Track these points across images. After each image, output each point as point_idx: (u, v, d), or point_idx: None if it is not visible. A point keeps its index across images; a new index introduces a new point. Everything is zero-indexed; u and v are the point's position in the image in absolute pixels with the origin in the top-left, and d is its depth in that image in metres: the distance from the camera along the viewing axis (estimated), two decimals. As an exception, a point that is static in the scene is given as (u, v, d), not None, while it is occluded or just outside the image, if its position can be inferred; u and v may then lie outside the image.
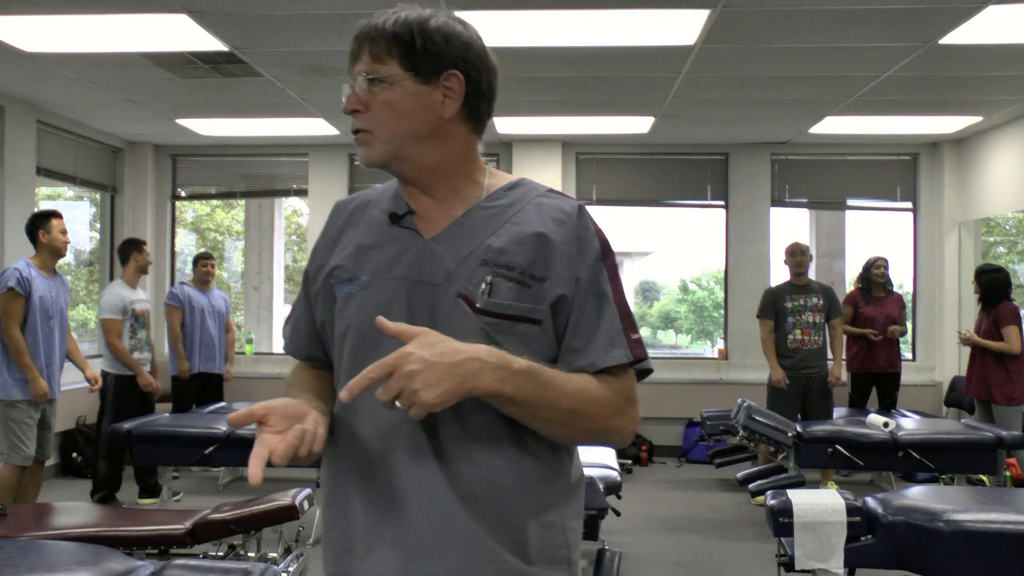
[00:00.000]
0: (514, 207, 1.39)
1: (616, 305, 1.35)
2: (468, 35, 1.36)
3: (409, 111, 1.33)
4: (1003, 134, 7.03)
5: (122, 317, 5.77)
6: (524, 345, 1.30)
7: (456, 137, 1.38)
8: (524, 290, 1.31)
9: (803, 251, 6.28)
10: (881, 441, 5.04)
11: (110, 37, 4.86)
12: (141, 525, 3.42)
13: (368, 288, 1.37)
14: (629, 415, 1.35)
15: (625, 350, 1.33)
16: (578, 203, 1.40)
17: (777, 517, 3.23)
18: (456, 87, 1.34)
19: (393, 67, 1.33)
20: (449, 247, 1.36)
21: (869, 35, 4.75)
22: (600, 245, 1.37)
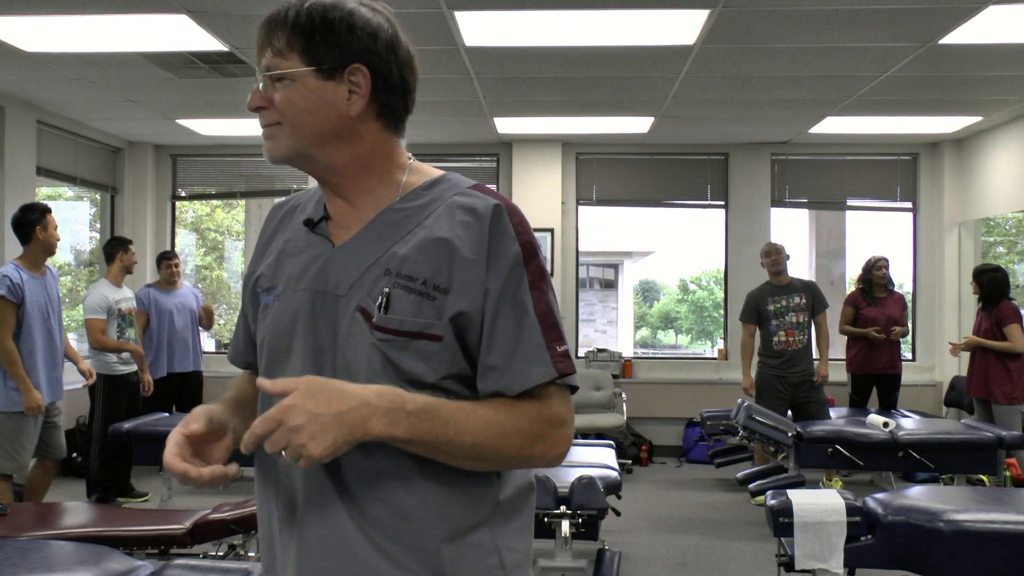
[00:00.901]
0: (427, 208, 1.28)
1: (537, 316, 1.22)
2: (376, 23, 1.26)
3: (312, 109, 1.25)
4: (1003, 134, 7.03)
5: (106, 316, 5.71)
6: (424, 362, 1.21)
7: (366, 136, 1.28)
8: (426, 303, 1.21)
9: (778, 250, 6.25)
10: (881, 441, 5.04)
11: (110, 37, 4.86)
12: (141, 525, 3.42)
13: (280, 299, 1.31)
14: (552, 440, 1.23)
15: (547, 367, 1.21)
16: (496, 202, 1.26)
17: (777, 517, 3.22)
18: (362, 82, 1.25)
19: (294, 62, 1.25)
20: (354, 255, 1.27)
21: (869, 35, 4.75)
22: (521, 248, 1.23)
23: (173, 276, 6.58)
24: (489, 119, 6.96)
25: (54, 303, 4.80)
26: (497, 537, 1.26)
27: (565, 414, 1.24)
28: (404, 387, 1.19)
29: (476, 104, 6.41)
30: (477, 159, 8.28)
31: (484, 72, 5.57)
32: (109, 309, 5.74)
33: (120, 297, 5.86)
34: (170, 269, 6.57)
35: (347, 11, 1.25)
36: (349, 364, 1.23)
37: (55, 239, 4.75)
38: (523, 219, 1.28)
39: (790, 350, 6.09)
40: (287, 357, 1.28)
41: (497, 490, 1.27)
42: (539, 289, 1.24)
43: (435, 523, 1.22)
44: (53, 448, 4.88)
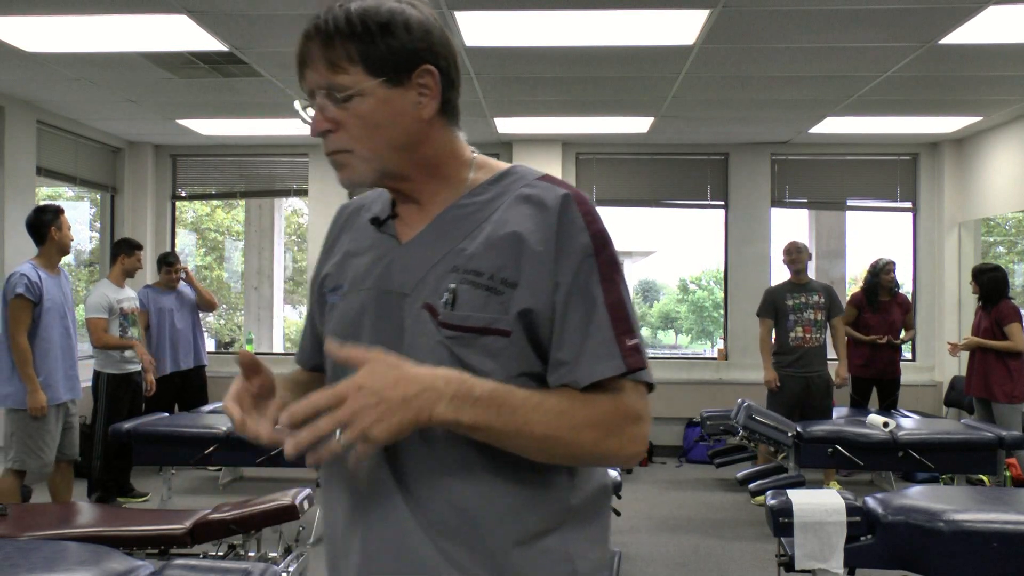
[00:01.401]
0: (494, 203, 1.24)
1: (608, 308, 1.17)
2: (426, 18, 1.22)
3: (385, 122, 1.20)
4: (1003, 134, 7.03)
5: (107, 316, 5.74)
6: (491, 359, 1.17)
7: (433, 137, 1.25)
8: (493, 297, 1.17)
9: (800, 249, 6.26)
10: (881, 441, 5.04)
11: (110, 37, 4.86)
12: (141, 525, 3.42)
13: (345, 298, 1.29)
14: (629, 435, 1.17)
15: (616, 360, 1.16)
16: (565, 191, 1.23)
17: (777, 517, 3.23)
18: (431, 83, 1.21)
19: (357, 75, 1.17)
20: (420, 252, 1.24)
21: (869, 35, 4.75)
22: (591, 239, 1.19)
23: (173, 283, 6.61)
24: (489, 119, 6.96)
25: (69, 303, 4.90)
26: (570, 544, 1.21)
27: (640, 410, 1.19)
28: None
29: (476, 104, 6.41)
30: (477, 159, 8.27)
31: (484, 72, 5.57)
32: (111, 308, 5.76)
33: (122, 297, 5.88)
34: (170, 275, 6.60)
35: (398, 10, 1.19)
36: (417, 363, 1.17)
37: (69, 239, 4.89)
38: (592, 208, 1.23)
39: (806, 347, 6.07)
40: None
41: (568, 493, 1.22)
42: (610, 280, 1.19)
43: (501, 525, 1.17)
44: (68, 449, 4.93)
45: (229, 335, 13.18)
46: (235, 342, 12.60)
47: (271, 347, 10.04)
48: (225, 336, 12.69)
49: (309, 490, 3.89)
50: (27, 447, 4.65)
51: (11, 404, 4.67)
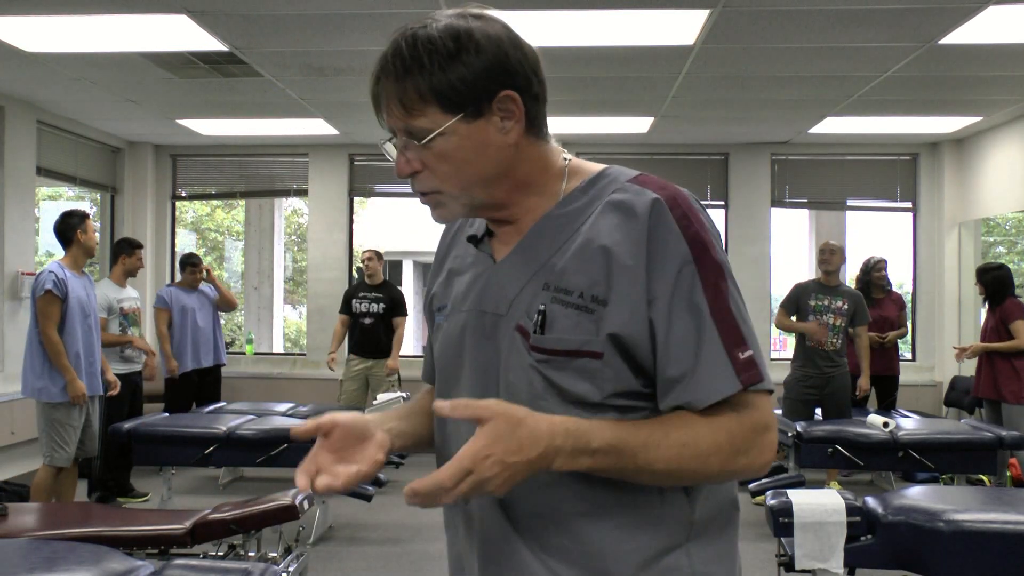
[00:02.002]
0: (585, 212, 1.17)
1: (715, 320, 1.10)
2: (495, 33, 1.14)
3: (471, 157, 1.14)
4: (1003, 134, 7.03)
5: (107, 315, 5.76)
6: (587, 381, 1.12)
7: (522, 158, 1.18)
8: (584, 316, 1.12)
9: (832, 251, 6.15)
10: (881, 441, 5.04)
11: (110, 37, 4.86)
12: (141, 525, 3.42)
13: (448, 319, 1.27)
14: (757, 449, 1.11)
15: (730, 377, 1.09)
16: (654, 195, 1.14)
17: (777, 517, 3.22)
18: (514, 107, 1.14)
19: (434, 115, 1.12)
20: (513, 271, 1.19)
21: (869, 35, 4.75)
22: (689, 245, 1.11)
23: (197, 282, 6.72)
24: (489, 119, 6.95)
25: (93, 303, 5.08)
26: (695, 562, 1.17)
27: (766, 419, 1.12)
28: (569, 409, 1.11)
29: (476, 104, 6.41)
30: (477, 159, 8.27)
31: (484, 72, 5.56)
32: (110, 308, 5.77)
33: (123, 296, 5.89)
34: (195, 275, 6.71)
35: (464, 32, 1.12)
36: (511, 387, 1.16)
37: (94, 241, 5.08)
38: (690, 209, 1.14)
39: (820, 348, 6.05)
40: (457, 379, 1.24)
41: (689, 508, 1.17)
42: (716, 288, 1.11)
43: (624, 555, 1.13)
44: (85, 446, 5.03)
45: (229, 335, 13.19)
46: (235, 342, 12.61)
47: (271, 347, 10.04)
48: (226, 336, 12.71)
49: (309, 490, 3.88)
50: (54, 440, 4.82)
51: (44, 398, 4.81)
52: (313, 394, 7.42)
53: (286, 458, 5.06)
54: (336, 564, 4.64)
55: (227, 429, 5.09)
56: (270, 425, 5.25)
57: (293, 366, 8.22)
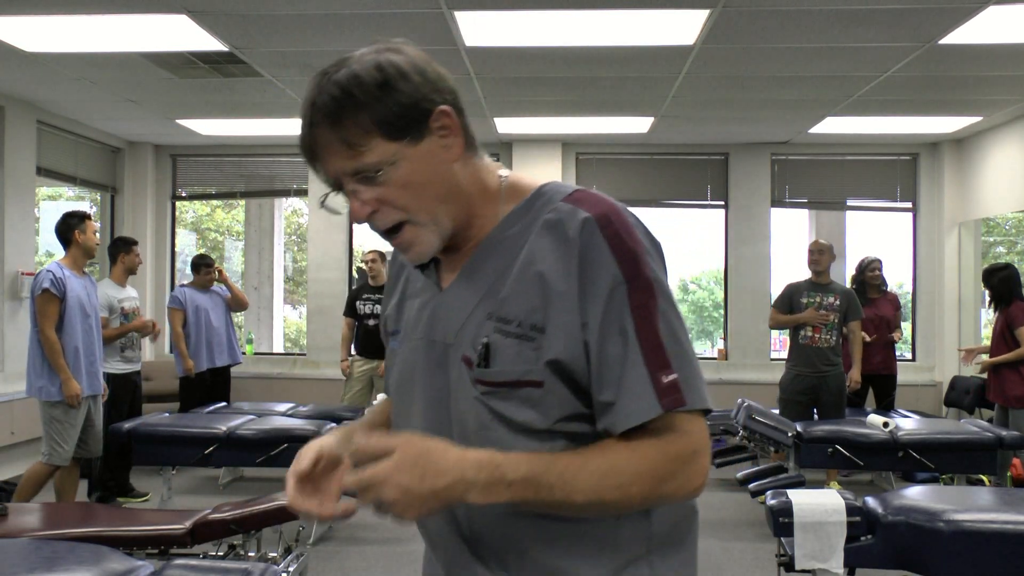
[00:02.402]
0: (523, 236, 1.16)
1: (640, 342, 1.09)
2: (412, 60, 1.15)
3: (426, 178, 1.14)
4: (1003, 134, 7.03)
5: (107, 314, 5.77)
6: (531, 409, 1.12)
7: (468, 173, 1.18)
8: (525, 345, 1.11)
9: (821, 249, 6.19)
10: (881, 441, 5.04)
11: (110, 37, 4.86)
12: (141, 525, 3.42)
13: (401, 346, 1.28)
14: (684, 475, 1.10)
15: (651, 400, 1.08)
16: (585, 215, 1.12)
17: (777, 517, 3.23)
18: (450, 122, 1.15)
19: (380, 146, 1.11)
20: (458, 299, 1.19)
21: (869, 35, 4.75)
22: (619, 267, 1.10)
23: (210, 282, 6.80)
24: (489, 119, 6.96)
25: (93, 303, 5.11)
26: (657, 572, 1.18)
27: (696, 444, 1.11)
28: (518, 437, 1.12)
29: (476, 104, 6.41)
30: (477, 159, 8.28)
31: (484, 72, 5.57)
32: (111, 307, 5.78)
33: (123, 296, 5.90)
34: (208, 276, 6.79)
35: (386, 62, 1.13)
36: (462, 416, 1.17)
37: (94, 242, 5.09)
38: (623, 226, 1.13)
39: (814, 347, 6.06)
40: (410, 407, 1.25)
41: (647, 523, 1.18)
42: (645, 309, 1.09)
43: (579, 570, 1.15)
44: (87, 446, 5.06)
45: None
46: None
47: (271, 347, 10.04)
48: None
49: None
50: (53, 439, 4.85)
51: (44, 396, 4.84)
52: (313, 394, 7.41)
53: (286, 458, 5.05)
54: (336, 564, 4.64)
55: (227, 429, 5.09)
56: (270, 425, 5.25)
57: (293, 366, 8.22)
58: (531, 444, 1.12)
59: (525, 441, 1.13)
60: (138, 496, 6.07)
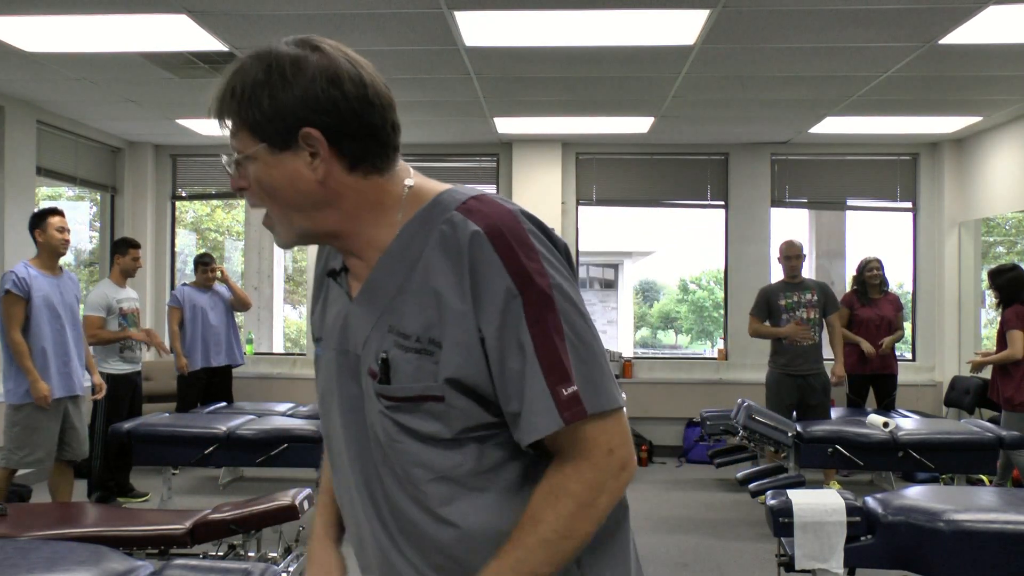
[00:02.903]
0: (419, 246, 1.15)
1: (538, 356, 1.08)
2: (317, 68, 1.11)
3: (280, 185, 1.14)
4: (1003, 134, 7.03)
5: (105, 315, 5.77)
6: (435, 421, 1.14)
7: (346, 193, 1.16)
8: (424, 359, 1.12)
9: (797, 254, 6.22)
10: (881, 441, 5.04)
11: (110, 37, 4.86)
12: (141, 525, 3.42)
13: (323, 353, 1.29)
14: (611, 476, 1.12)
15: (552, 415, 1.08)
16: (475, 228, 1.10)
17: (777, 517, 3.23)
18: (317, 143, 1.12)
19: (245, 139, 1.14)
20: (362, 311, 1.20)
21: (869, 35, 4.75)
22: (512, 279, 1.09)
23: (210, 281, 6.78)
24: (489, 119, 6.96)
25: (68, 302, 4.95)
26: (586, 569, 1.20)
27: (608, 443, 1.12)
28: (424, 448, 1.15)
29: (476, 104, 6.41)
30: (477, 159, 8.28)
31: (484, 72, 5.57)
32: (109, 307, 5.78)
33: (122, 296, 5.90)
34: (207, 275, 6.77)
35: (281, 63, 1.12)
36: (373, 426, 1.19)
37: (55, 240, 4.89)
38: (515, 238, 1.11)
39: (799, 346, 6.07)
40: (330, 416, 1.28)
41: None
42: (541, 323, 1.09)
43: None
44: (71, 448, 4.96)
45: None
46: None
47: (271, 347, 10.04)
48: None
49: (309, 490, 3.89)
50: (18, 443, 4.73)
51: (11, 399, 4.76)
52: (313, 394, 7.41)
53: (286, 458, 5.06)
54: (336, 564, 4.64)
55: (227, 429, 5.09)
56: (270, 425, 5.25)
57: (293, 366, 8.22)
58: (438, 452, 1.15)
59: (433, 450, 1.15)
60: (138, 496, 6.07)
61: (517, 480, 1.17)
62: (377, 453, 1.20)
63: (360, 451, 1.22)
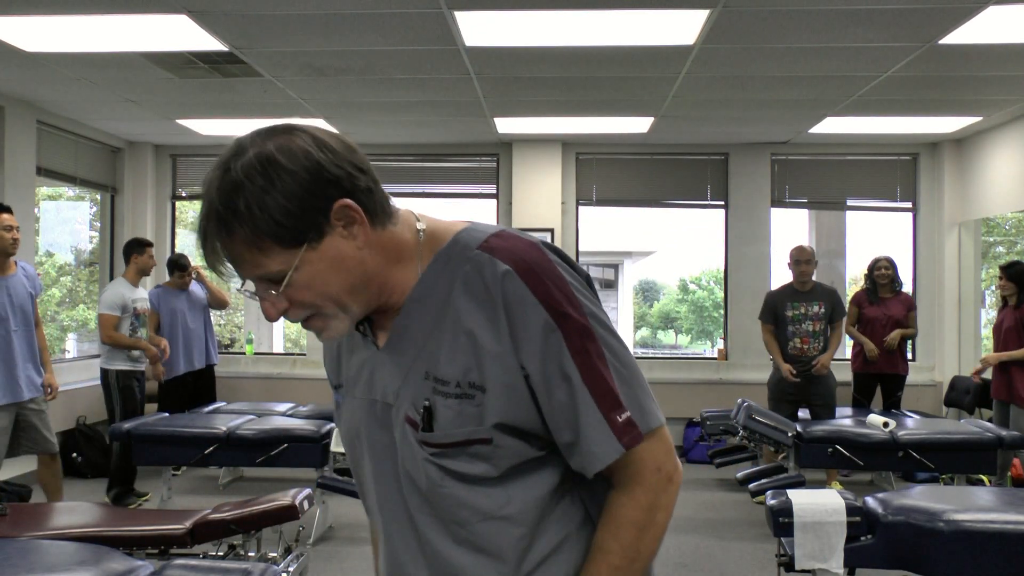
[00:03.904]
0: (446, 291, 1.15)
1: (587, 387, 1.10)
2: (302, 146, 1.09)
3: (332, 274, 1.11)
4: (1003, 134, 7.03)
5: (120, 314, 5.78)
6: (483, 462, 1.14)
7: (375, 253, 1.14)
8: (465, 403, 1.12)
9: (808, 260, 6.13)
10: (881, 441, 5.04)
11: (110, 37, 4.86)
12: (141, 525, 3.42)
13: (345, 402, 1.29)
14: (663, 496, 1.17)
15: (612, 443, 1.11)
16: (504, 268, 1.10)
17: (777, 517, 3.23)
18: (352, 213, 1.10)
19: (280, 255, 1.08)
20: (393, 359, 1.19)
21: (869, 35, 4.74)
22: (548, 312, 1.10)
23: (185, 284, 6.66)
24: (489, 119, 6.96)
25: (16, 305, 4.73)
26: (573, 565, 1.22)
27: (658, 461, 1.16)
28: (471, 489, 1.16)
29: (476, 104, 6.41)
30: (477, 159, 8.28)
31: (484, 72, 5.57)
32: (124, 307, 5.80)
33: (136, 296, 5.93)
34: (183, 279, 6.64)
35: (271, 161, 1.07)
36: (410, 475, 1.19)
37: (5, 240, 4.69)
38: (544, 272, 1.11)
39: (804, 356, 6.08)
40: (361, 463, 1.28)
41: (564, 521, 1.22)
42: (584, 353, 1.10)
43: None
44: (35, 443, 4.86)
45: (229, 335, 13.18)
46: (235, 342, 12.61)
47: (270, 347, 10.04)
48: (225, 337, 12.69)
49: (309, 490, 3.89)
50: None
51: None
52: (313, 394, 7.41)
53: (286, 458, 5.06)
54: (336, 564, 4.64)
55: (227, 429, 5.09)
56: (270, 425, 5.25)
57: (293, 366, 8.22)
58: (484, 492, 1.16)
59: (479, 490, 1.16)
60: (138, 496, 6.08)
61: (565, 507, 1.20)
62: (414, 500, 1.20)
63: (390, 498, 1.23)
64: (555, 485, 1.18)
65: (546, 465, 1.18)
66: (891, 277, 6.63)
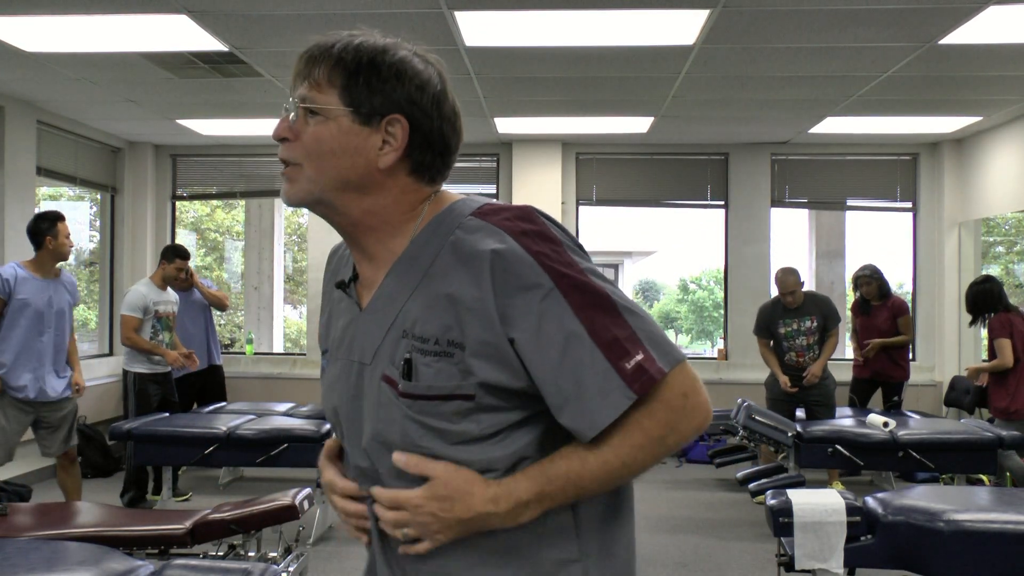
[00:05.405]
0: (432, 252, 1.16)
1: (592, 337, 1.08)
2: (426, 76, 1.19)
3: (339, 151, 1.17)
4: (1003, 134, 7.03)
5: (141, 316, 5.75)
6: (465, 419, 1.13)
7: (391, 190, 1.19)
8: (445, 361, 1.12)
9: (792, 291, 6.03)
10: (881, 441, 5.05)
11: (110, 37, 4.86)
12: (141, 525, 3.42)
13: (330, 365, 1.30)
14: (685, 418, 1.12)
15: (622, 391, 1.08)
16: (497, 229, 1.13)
17: (777, 517, 3.23)
18: (399, 135, 1.17)
19: (331, 98, 1.16)
20: (374, 319, 1.20)
21: (869, 35, 4.75)
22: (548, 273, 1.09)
23: (184, 285, 6.59)
24: (489, 119, 6.96)
25: (57, 309, 4.86)
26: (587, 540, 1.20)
27: (684, 387, 1.12)
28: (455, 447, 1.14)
29: (476, 104, 6.41)
30: (477, 159, 8.29)
31: (484, 72, 5.57)
32: (146, 308, 5.78)
33: (160, 299, 5.90)
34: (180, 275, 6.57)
35: (398, 58, 1.18)
36: (382, 435, 1.18)
37: (65, 247, 4.87)
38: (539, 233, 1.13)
39: (801, 367, 6.10)
40: (339, 427, 1.29)
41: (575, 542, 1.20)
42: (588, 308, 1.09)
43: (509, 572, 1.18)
44: (49, 447, 4.92)
45: (229, 335, 13.18)
46: (235, 342, 12.61)
47: (271, 347, 10.04)
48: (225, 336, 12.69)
49: (309, 490, 3.89)
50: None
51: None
52: (313, 394, 7.42)
53: (286, 458, 5.07)
54: (336, 564, 4.64)
55: (227, 429, 5.09)
56: (270, 425, 5.25)
57: (293, 366, 8.22)
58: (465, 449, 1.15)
59: (460, 449, 1.15)
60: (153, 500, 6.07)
61: None
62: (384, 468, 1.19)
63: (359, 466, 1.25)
64: (538, 447, 1.16)
65: (530, 426, 1.16)
66: (876, 288, 6.57)
